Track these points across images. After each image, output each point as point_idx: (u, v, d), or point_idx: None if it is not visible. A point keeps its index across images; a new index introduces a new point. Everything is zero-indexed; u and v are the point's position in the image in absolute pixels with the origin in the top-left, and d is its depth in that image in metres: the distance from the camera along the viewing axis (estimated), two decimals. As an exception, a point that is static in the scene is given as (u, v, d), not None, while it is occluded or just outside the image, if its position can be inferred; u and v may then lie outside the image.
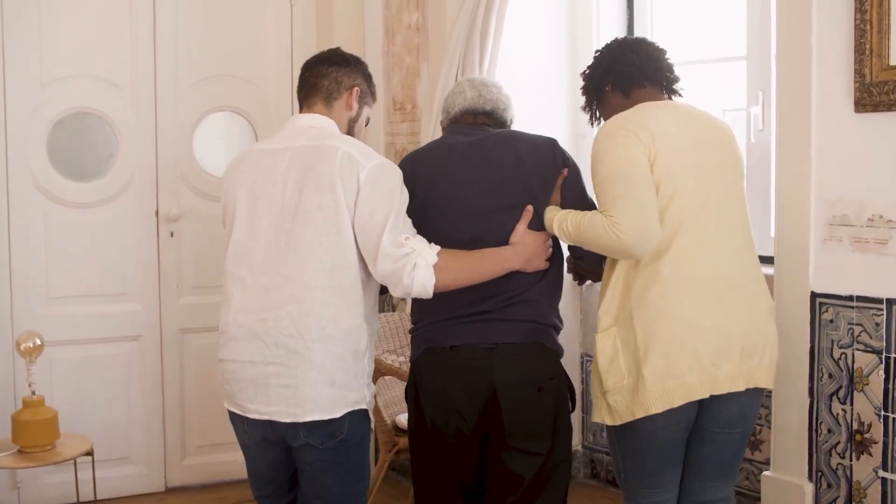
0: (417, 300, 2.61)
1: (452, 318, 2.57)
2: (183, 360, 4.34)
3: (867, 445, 2.81)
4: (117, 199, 4.21)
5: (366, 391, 2.55)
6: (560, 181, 2.60)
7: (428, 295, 2.46)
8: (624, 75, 2.64)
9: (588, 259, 2.69)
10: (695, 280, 2.46)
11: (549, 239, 2.61)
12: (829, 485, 2.90)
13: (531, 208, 2.56)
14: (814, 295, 2.90)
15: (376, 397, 3.75)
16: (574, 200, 2.61)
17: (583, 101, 2.79)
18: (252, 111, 4.41)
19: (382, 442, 3.77)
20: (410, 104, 4.30)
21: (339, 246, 2.46)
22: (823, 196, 2.86)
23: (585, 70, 2.77)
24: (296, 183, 2.48)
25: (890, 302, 2.73)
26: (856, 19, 2.71)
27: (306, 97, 2.68)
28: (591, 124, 2.77)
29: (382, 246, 2.41)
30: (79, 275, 4.16)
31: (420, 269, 2.42)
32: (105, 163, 4.22)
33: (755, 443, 3.60)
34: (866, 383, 2.80)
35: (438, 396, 2.59)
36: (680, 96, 2.73)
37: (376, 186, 2.45)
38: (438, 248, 2.47)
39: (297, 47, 4.43)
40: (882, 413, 2.76)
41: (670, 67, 2.69)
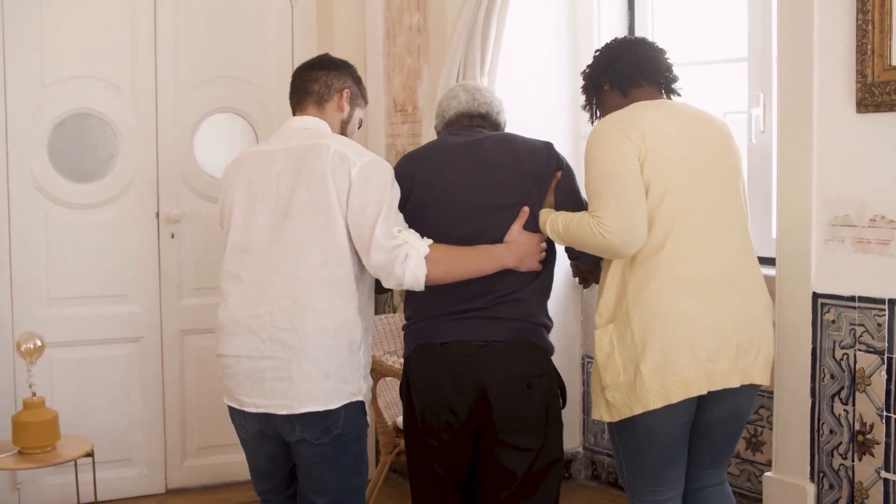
0: (410, 297, 2.68)
1: (444, 315, 2.61)
2: (183, 362, 4.34)
3: (869, 446, 2.80)
4: (118, 201, 4.21)
5: (362, 383, 2.60)
6: (554, 183, 2.64)
7: (420, 286, 2.52)
8: (622, 75, 2.66)
9: (584, 259, 2.73)
10: (691, 277, 2.48)
11: (544, 241, 2.64)
12: (831, 486, 2.90)
13: (527, 209, 2.61)
14: (815, 295, 2.89)
15: (377, 399, 3.75)
16: (567, 202, 2.65)
17: (583, 101, 2.83)
18: (253, 113, 4.41)
19: (383, 443, 3.77)
20: (411, 106, 4.30)
21: (333, 241, 2.52)
22: (825, 196, 2.86)
23: (585, 69, 2.80)
24: (289, 182, 2.55)
25: (892, 302, 2.73)
26: (858, 19, 2.70)
27: (298, 102, 2.76)
28: (592, 123, 2.79)
29: (375, 238, 2.47)
30: (79, 276, 4.15)
31: (412, 261, 2.48)
32: (106, 164, 4.22)
33: (756, 444, 3.60)
34: (868, 384, 2.79)
35: (429, 392, 2.63)
36: (679, 96, 2.74)
37: (368, 181, 2.51)
38: (430, 241, 2.53)
39: (298, 49, 4.43)
40: (884, 413, 2.76)
41: (669, 67, 2.71)
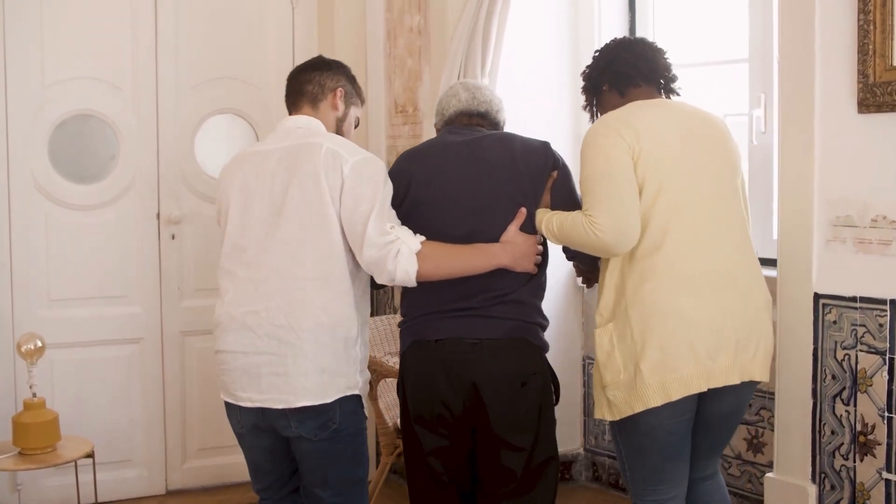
0: (406, 295, 2.71)
1: (439, 313, 2.63)
2: (184, 363, 4.33)
3: (871, 447, 2.80)
4: (118, 202, 4.21)
5: (358, 377, 2.63)
6: (550, 183, 2.66)
7: (412, 282, 2.54)
8: (620, 75, 2.69)
9: (581, 259, 2.77)
10: (689, 275, 2.49)
11: (541, 243, 2.66)
12: (833, 486, 2.89)
13: (525, 210, 2.62)
14: (817, 296, 2.89)
15: (378, 400, 3.75)
16: (564, 202, 2.66)
17: (583, 101, 2.85)
18: (253, 114, 4.41)
19: (384, 444, 3.77)
20: (412, 107, 4.30)
21: (326, 238, 2.55)
22: (826, 197, 2.86)
23: (584, 70, 2.82)
24: (283, 180, 2.58)
25: (894, 303, 2.73)
26: (859, 20, 2.70)
27: (294, 103, 2.79)
28: (592, 124, 2.79)
29: (368, 235, 2.50)
30: (80, 277, 4.15)
31: (403, 257, 2.51)
32: (106, 165, 4.22)
33: (757, 445, 3.60)
34: (870, 384, 2.79)
35: (423, 387, 2.65)
36: (677, 95, 2.75)
37: (360, 178, 2.54)
38: (423, 238, 2.56)
39: (299, 50, 4.43)
40: (886, 414, 2.76)
41: (667, 67, 2.73)
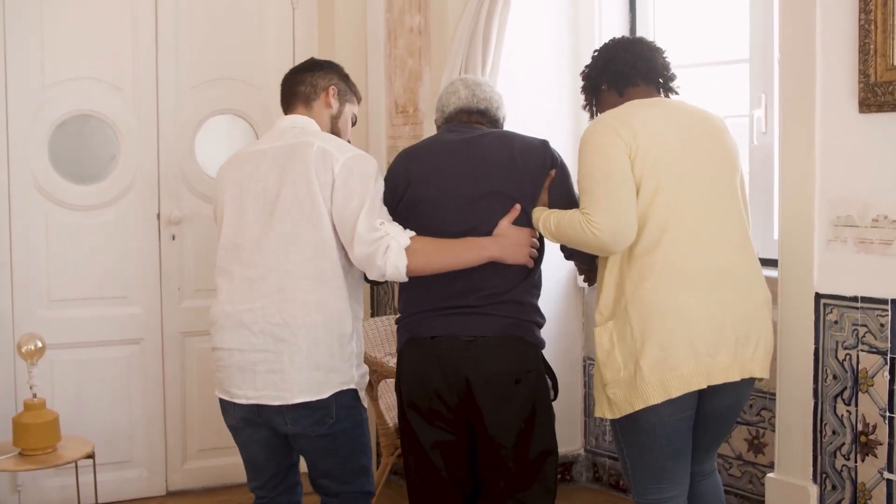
0: (403, 293, 2.74)
1: (435, 310, 2.65)
2: (184, 364, 4.33)
3: (872, 447, 2.80)
4: (119, 202, 4.21)
5: (354, 372, 2.66)
6: (548, 182, 2.67)
7: (402, 277, 2.57)
8: (618, 74, 2.70)
9: (578, 257, 2.77)
10: (688, 272, 2.50)
11: (536, 237, 2.67)
12: (834, 487, 2.89)
13: (519, 206, 2.64)
14: (818, 296, 2.89)
15: (378, 401, 3.75)
16: (561, 200, 2.67)
17: (582, 101, 2.86)
18: (254, 114, 4.41)
19: (384, 445, 3.77)
20: (412, 107, 4.29)
21: (319, 236, 2.59)
22: (827, 197, 2.85)
23: (584, 70, 2.83)
24: (275, 180, 2.62)
25: (895, 302, 2.72)
26: (860, 19, 2.70)
27: (288, 105, 2.84)
28: None
29: (357, 231, 2.54)
30: (80, 277, 4.15)
31: (392, 252, 2.54)
32: (106, 165, 4.22)
33: (758, 446, 3.60)
34: (871, 384, 2.79)
35: (418, 383, 2.67)
36: (676, 94, 2.75)
37: (351, 176, 2.58)
38: (412, 233, 2.58)
39: (299, 50, 4.43)
40: (887, 414, 2.75)
41: (666, 66, 2.74)
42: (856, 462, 2.84)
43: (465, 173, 2.65)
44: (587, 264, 2.81)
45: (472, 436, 2.69)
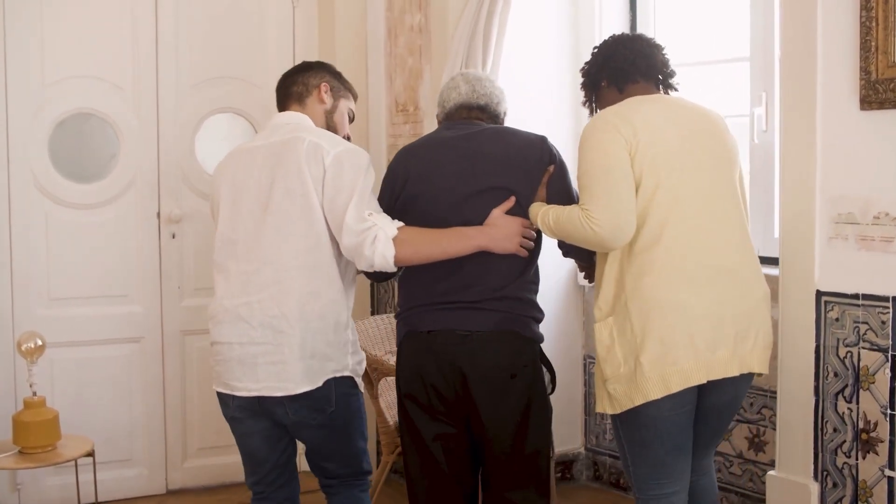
0: (402, 287, 2.77)
1: (432, 305, 2.67)
2: (184, 362, 4.33)
3: (873, 444, 2.80)
4: (119, 201, 4.20)
5: (348, 359, 2.70)
6: (546, 177, 2.68)
7: (390, 267, 2.60)
8: (618, 71, 2.70)
9: (575, 253, 2.77)
10: (688, 268, 2.50)
11: (530, 229, 2.67)
12: (835, 484, 2.89)
13: (514, 198, 2.65)
14: (819, 293, 2.89)
15: (378, 399, 3.74)
16: (559, 196, 2.68)
17: (582, 98, 2.86)
18: (254, 113, 4.40)
19: (385, 443, 3.76)
20: (413, 106, 4.29)
21: (312, 228, 2.63)
22: (828, 194, 2.86)
23: (583, 66, 2.83)
24: (269, 175, 2.67)
25: (896, 300, 2.73)
26: (861, 16, 2.70)
27: (283, 106, 2.91)
28: None
29: (346, 222, 2.57)
30: (80, 276, 4.15)
31: (380, 242, 2.56)
32: (107, 164, 4.21)
33: (759, 444, 3.60)
34: (872, 382, 2.79)
35: (416, 376, 2.68)
36: (675, 90, 2.75)
37: (341, 168, 2.61)
38: (400, 224, 2.61)
39: (300, 49, 4.43)
40: (888, 411, 2.75)
41: (665, 62, 2.74)
42: (857, 460, 2.84)
43: (463, 169, 2.65)
44: (585, 261, 2.82)
45: (469, 433, 2.69)
